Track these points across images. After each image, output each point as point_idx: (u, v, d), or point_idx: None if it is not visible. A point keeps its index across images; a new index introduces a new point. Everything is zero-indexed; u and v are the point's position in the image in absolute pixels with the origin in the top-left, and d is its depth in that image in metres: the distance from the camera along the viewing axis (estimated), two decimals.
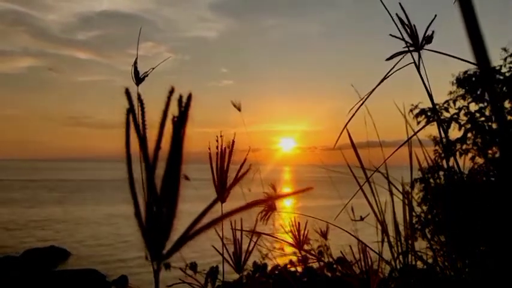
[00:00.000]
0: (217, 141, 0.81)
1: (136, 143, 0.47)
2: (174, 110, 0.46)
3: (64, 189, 39.86)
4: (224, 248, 0.87)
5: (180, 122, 0.45)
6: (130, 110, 0.46)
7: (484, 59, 0.43)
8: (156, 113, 0.48)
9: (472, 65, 3.74)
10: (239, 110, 3.56)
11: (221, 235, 0.86)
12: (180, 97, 0.45)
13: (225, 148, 0.82)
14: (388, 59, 0.87)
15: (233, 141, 0.82)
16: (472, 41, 0.44)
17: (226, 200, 0.78)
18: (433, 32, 0.86)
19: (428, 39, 0.86)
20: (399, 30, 0.89)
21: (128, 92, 0.46)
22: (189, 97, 0.45)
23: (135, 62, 0.84)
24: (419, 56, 0.88)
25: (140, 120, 0.46)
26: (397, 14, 0.87)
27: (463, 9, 0.43)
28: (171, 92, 0.45)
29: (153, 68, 0.85)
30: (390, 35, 0.86)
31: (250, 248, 0.88)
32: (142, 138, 0.46)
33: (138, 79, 0.84)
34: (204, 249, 0.96)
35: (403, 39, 0.89)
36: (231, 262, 0.86)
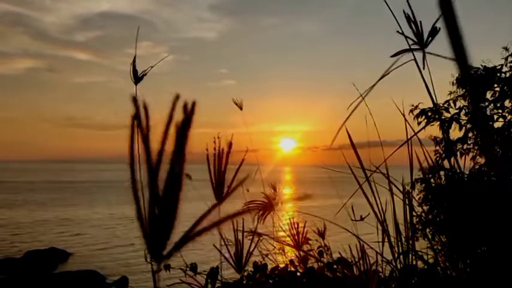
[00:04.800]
0: (214, 142, 0.80)
1: (138, 146, 0.48)
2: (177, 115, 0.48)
3: (64, 190, 39.86)
4: (226, 249, 0.86)
5: (184, 128, 0.46)
6: (136, 116, 0.47)
7: (463, 58, 0.42)
8: (156, 114, 0.49)
9: (473, 65, 3.73)
10: (241, 108, 3.54)
11: (222, 236, 0.85)
12: (185, 104, 0.47)
13: (222, 149, 0.81)
14: (392, 56, 0.86)
15: (230, 143, 0.81)
16: (452, 40, 0.43)
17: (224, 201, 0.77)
18: (439, 28, 0.84)
19: (432, 32, 0.85)
20: (401, 28, 0.88)
21: (135, 99, 0.47)
22: (193, 104, 0.47)
23: (134, 61, 0.84)
24: (424, 55, 0.87)
25: (145, 126, 0.48)
26: (404, 11, 0.87)
27: (443, 9, 0.43)
28: (176, 98, 0.47)
29: (152, 67, 0.84)
30: (397, 31, 0.86)
31: (251, 249, 0.88)
32: (147, 143, 0.48)
33: (137, 78, 0.84)
34: (207, 250, 0.95)
35: (404, 35, 0.88)
36: (231, 262, 0.86)
